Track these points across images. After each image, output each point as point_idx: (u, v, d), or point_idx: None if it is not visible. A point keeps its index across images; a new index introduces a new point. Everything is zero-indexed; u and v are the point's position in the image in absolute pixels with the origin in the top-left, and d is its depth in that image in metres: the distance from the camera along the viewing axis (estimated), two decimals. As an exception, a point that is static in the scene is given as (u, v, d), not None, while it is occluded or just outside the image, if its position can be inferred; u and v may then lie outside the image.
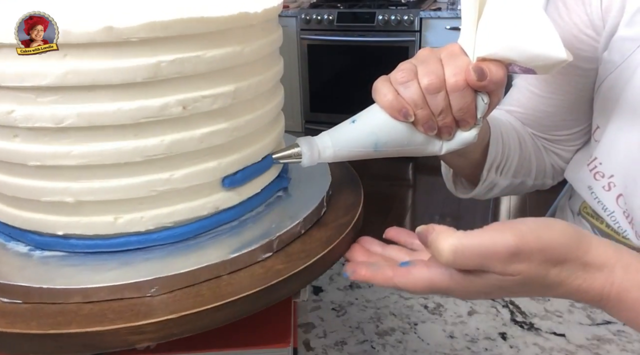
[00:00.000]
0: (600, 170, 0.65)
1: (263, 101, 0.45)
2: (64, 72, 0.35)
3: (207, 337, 0.38)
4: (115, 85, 0.36)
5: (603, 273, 0.39)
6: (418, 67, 0.47)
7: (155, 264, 0.39)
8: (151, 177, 0.39)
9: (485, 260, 0.37)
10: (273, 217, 0.45)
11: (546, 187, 0.76)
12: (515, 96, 0.73)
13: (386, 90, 0.46)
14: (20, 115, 0.36)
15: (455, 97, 0.46)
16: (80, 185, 0.39)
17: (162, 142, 0.39)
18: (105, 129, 0.37)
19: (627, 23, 0.58)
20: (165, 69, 0.37)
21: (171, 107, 0.38)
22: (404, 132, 0.47)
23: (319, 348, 0.61)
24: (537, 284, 0.39)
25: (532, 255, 0.37)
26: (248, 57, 0.41)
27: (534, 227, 0.38)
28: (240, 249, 0.40)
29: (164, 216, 0.41)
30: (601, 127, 0.65)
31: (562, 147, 0.73)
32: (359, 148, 0.47)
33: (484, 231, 0.38)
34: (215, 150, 0.42)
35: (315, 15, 3.19)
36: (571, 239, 0.39)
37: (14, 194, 0.41)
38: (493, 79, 0.45)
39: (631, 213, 0.62)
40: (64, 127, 0.36)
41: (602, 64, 0.63)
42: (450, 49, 0.47)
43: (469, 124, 0.48)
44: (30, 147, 0.38)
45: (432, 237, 0.38)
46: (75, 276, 0.38)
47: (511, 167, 0.68)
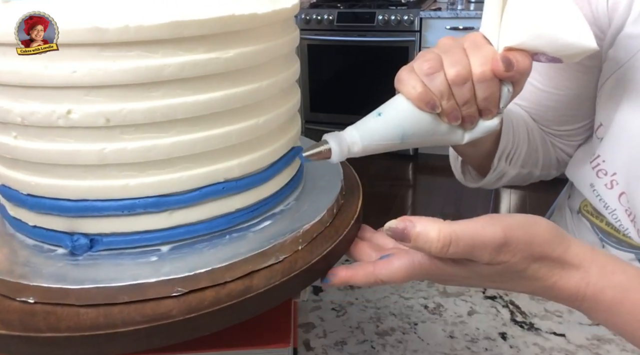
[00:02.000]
0: (603, 168, 0.65)
1: (280, 101, 0.45)
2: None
3: (207, 337, 0.38)
4: (141, 84, 0.36)
5: (579, 272, 0.40)
6: (443, 57, 0.46)
7: (155, 266, 0.39)
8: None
9: (474, 249, 0.38)
10: (279, 227, 0.45)
11: (550, 177, 0.77)
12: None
13: (414, 81, 0.46)
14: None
15: (481, 87, 0.46)
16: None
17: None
18: (136, 127, 0.38)
19: (634, 21, 0.59)
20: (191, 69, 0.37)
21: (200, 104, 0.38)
22: (429, 122, 0.47)
23: (319, 348, 0.61)
24: (515, 276, 0.40)
25: (518, 247, 0.38)
26: (267, 58, 0.42)
27: (522, 221, 0.39)
28: (245, 254, 0.40)
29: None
30: (604, 124, 0.65)
31: (565, 141, 0.74)
32: (386, 141, 0.46)
33: (474, 221, 0.38)
34: (231, 150, 0.42)
35: (315, 15, 3.19)
36: (555, 236, 0.40)
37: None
38: (520, 69, 0.45)
39: (633, 211, 0.62)
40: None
41: (607, 62, 0.63)
42: (473, 38, 0.47)
43: (492, 113, 0.48)
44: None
45: (419, 230, 0.37)
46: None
47: (520, 157, 0.69)
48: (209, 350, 0.43)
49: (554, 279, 0.40)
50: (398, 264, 0.41)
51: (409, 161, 3.32)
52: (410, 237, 0.38)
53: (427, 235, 0.37)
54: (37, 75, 0.35)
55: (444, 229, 0.37)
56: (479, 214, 0.39)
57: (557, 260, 0.39)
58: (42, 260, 0.40)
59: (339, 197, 0.49)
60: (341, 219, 0.47)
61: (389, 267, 0.41)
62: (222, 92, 0.39)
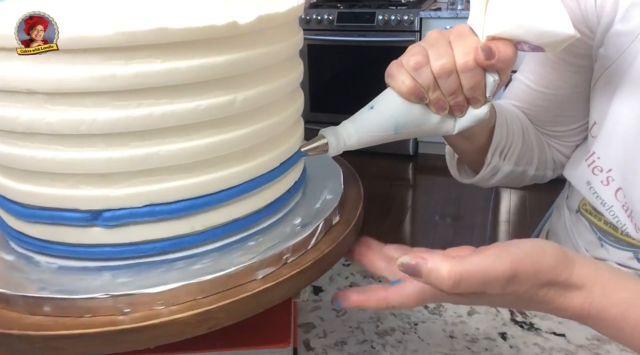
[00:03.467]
0: (598, 164, 0.65)
1: (284, 105, 0.44)
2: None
3: (207, 337, 0.38)
4: (127, 91, 0.36)
5: (582, 292, 0.41)
6: (429, 51, 0.48)
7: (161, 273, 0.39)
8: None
9: (485, 285, 0.39)
10: (283, 227, 0.45)
11: (546, 179, 0.78)
12: (514, 90, 0.74)
13: (402, 76, 0.48)
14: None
15: (466, 77, 0.47)
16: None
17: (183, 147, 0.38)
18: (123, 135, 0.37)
19: (622, 18, 0.60)
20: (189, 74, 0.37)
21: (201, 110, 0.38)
22: (420, 113, 0.49)
23: (319, 348, 0.61)
24: (524, 301, 0.41)
25: (526, 278, 0.39)
26: (271, 60, 0.41)
27: (529, 251, 0.40)
28: (251, 259, 0.40)
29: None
30: (598, 122, 0.66)
31: (560, 142, 0.74)
32: (381, 132, 0.49)
33: (482, 256, 0.39)
34: (234, 156, 0.41)
35: (315, 15, 3.19)
36: (560, 261, 0.41)
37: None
38: (501, 57, 0.46)
39: (630, 206, 0.62)
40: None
41: (599, 61, 0.64)
42: (459, 29, 0.49)
43: (480, 101, 0.50)
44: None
45: (430, 266, 0.38)
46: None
47: (514, 153, 0.69)
48: (209, 350, 0.43)
49: (560, 301, 0.41)
50: (410, 289, 0.42)
51: (409, 161, 3.32)
52: (422, 273, 0.39)
53: (438, 273, 0.38)
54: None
55: (454, 268, 0.38)
56: (479, 214, 0.39)
57: (563, 284, 0.41)
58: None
59: (339, 205, 0.48)
60: (341, 219, 0.47)
61: (401, 293, 0.42)
62: (226, 97, 0.38)
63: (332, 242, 0.44)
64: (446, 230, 2.58)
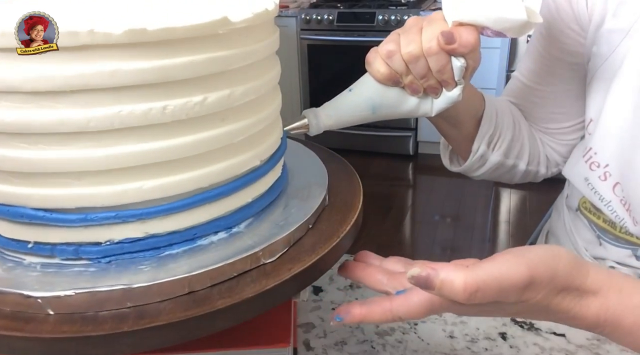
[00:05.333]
0: (595, 160, 0.66)
1: (260, 106, 0.44)
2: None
3: (207, 337, 0.38)
4: (109, 88, 0.36)
5: (597, 299, 0.40)
6: (401, 37, 0.52)
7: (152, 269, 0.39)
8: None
9: (502, 293, 0.37)
10: (266, 225, 0.45)
11: (539, 177, 0.78)
12: (510, 86, 0.76)
13: (377, 64, 0.53)
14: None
15: (432, 60, 0.51)
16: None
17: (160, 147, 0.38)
18: (109, 133, 0.37)
19: (613, 15, 0.61)
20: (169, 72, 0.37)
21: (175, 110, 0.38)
22: (396, 95, 0.54)
23: (319, 348, 0.61)
24: (539, 311, 0.40)
25: (542, 284, 0.38)
26: (243, 61, 0.41)
27: (543, 256, 0.39)
28: (239, 254, 0.40)
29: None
30: (594, 119, 0.66)
31: (554, 139, 0.75)
32: (358, 112, 0.54)
33: (496, 263, 0.37)
34: (209, 156, 0.41)
35: (315, 15, 3.19)
36: (574, 266, 0.39)
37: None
38: (463, 42, 0.49)
39: (628, 200, 0.62)
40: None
41: (592, 59, 0.65)
42: (432, 16, 0.52)
43: (450, 84, 0.53)
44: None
45: (443, 278, 0.36)
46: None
47: (503, 144, 0.70)
48: (209, 350, 0.43)
49: (575, 309, 0.39)
50: (417, 300, 0.39)
51: (409, 161, 3.32)
52: (434, 286, 0.36)
53: (452, 285, 0.36)
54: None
55: (470, 278, 0.36)
56: (479, 214, 0.39)
57: (578, 290, 0.39)
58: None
59: (324, 199, 0.48)
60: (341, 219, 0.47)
61: (408, 303, 0.39)
62: (196, 97, 0.38)
63: (332, 242, 0.43)
64: (446, 230, 2.58)
